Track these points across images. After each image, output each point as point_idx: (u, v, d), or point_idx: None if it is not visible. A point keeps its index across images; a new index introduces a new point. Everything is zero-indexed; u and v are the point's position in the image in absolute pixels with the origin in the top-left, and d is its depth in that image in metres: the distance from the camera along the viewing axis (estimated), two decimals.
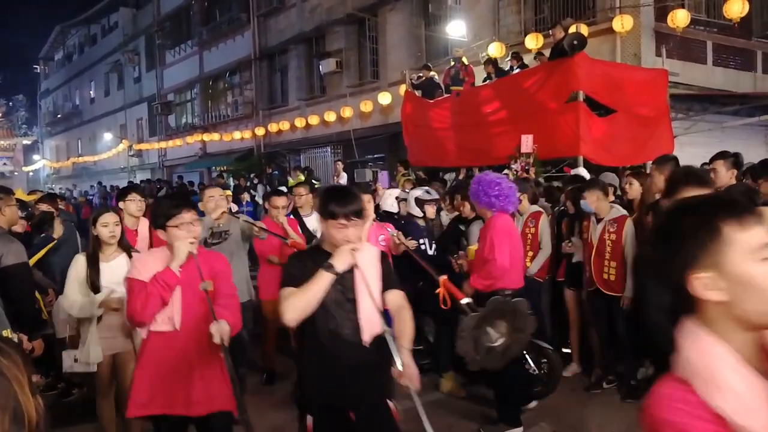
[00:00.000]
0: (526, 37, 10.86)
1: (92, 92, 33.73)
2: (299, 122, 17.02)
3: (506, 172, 7.59)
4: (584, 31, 9.11)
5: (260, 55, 19.55)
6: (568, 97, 7.85)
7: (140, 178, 25.28)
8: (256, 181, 15.75)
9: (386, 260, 2.55)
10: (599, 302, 4.66)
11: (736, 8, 8.90)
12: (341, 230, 2.29)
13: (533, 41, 10.54)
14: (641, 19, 9.76)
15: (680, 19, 9.21)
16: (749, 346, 1.04)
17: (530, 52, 10.45)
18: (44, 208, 5.33)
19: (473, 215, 4.95)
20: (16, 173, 33.99)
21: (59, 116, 38.50)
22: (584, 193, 4.69)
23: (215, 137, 21.30)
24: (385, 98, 14.06)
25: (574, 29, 8.76)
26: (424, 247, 4.89)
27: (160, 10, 25.26)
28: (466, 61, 11.03)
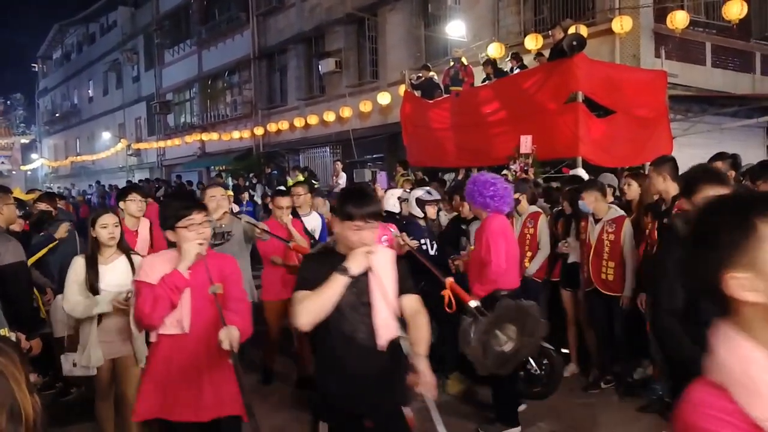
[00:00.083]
0: (525, 37, 10.87)
1: (91, 91, 33.64)
2: (298, 122, 17.01)
3: (505, 172, 7.60)
4: (583, 32, 9.11)
5: (259, 54, 19.53)
6: (567, 97, 7.85)
7: (139, 177, 25.26)
8: (255, 181, 15.75)
9: (402, 263, 2.49)
10: (597, 302, 4.66)
11: (735, 10, 8.92)
12: (357, 232, 2.24)
13: (533, 42, 10.55)
14: (640, 20, 9.77)
15: (679, 20, 9.22)
16: None
17: (530, 52, 10.45)
18: (42, 207, 5.31)
19: (472, 215, 4.95)
20: (14, 172, 34.02)
21: (57, 115, 38.41)
22: (582, 193, 4.69)
23: (214, 137, 21.29)
24: (384, 98, 14.06)
25: (573, 30, 8.76)
26: (425, 247, 4.89)
27: (159, 9, 25.22)
28: (465, 61, 11.03)
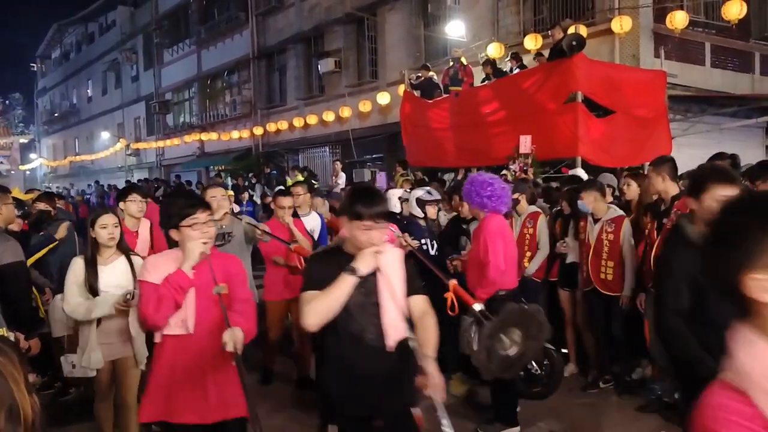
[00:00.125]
0: (525, 37, 10.88)
1: (89, 91, 33.61)
2: (298, 122, 17.00)
3: (504, 172, 7.61)
4: (583, 32, 9.12)
5: (259, 54, 19.52)
6: (566, 97, 7.85)
7: (138, 177, 25.25)
8: (254, 180, 15.74)
9: (410, 263, 2.47)
10: (596, 302, 4.66)
11: (734, 10, 8.93)
12: (366, 232, 2.21)
13: (532, 42, 10.55)
14: (640, 20, 9.78)
15: (679, 20, 9.23)
16: None
17: (529, 52, 10.45)
18: (41, 206, 5.30)
19: (471, 215, 4.95)
20: (12, 172, 34.03)
21: (56, 115, 38.37)
22: (581, 193, 4.69)
23: (213, 136, 21.28)
24: (383, 98, 14.06)
25: (573, 30, 8.76)
26: (426, 247, 4.89)
27: (158, 8, 25.21)
28: (465, 61, 11.03)
